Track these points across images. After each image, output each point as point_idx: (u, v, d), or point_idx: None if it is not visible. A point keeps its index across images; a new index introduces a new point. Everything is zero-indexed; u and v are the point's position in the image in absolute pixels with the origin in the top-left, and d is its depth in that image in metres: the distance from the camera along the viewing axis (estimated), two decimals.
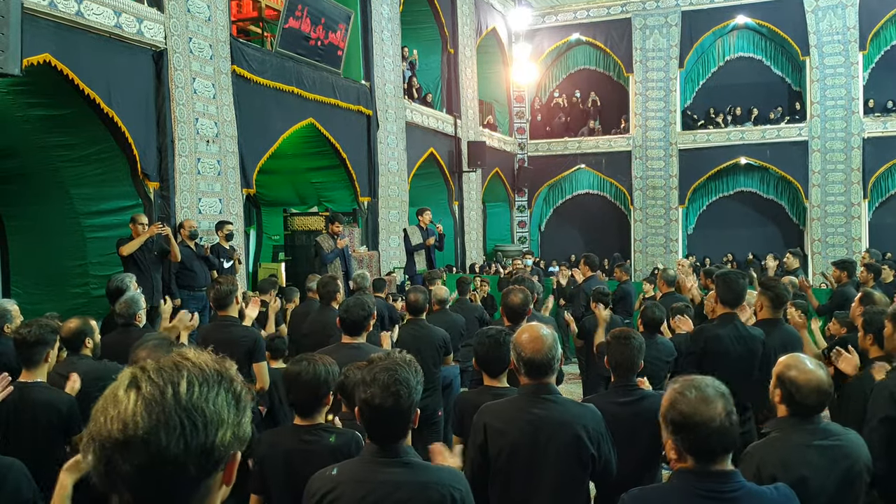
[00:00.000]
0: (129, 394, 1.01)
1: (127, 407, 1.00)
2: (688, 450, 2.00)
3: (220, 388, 1.06)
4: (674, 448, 2.02)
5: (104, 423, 1.00)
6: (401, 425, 2.20)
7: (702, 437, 1.96)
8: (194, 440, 1.01)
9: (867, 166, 17.09)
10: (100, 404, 1.03)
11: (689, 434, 1.98)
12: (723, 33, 18.77)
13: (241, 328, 4.59)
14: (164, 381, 1.02)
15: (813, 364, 2.57)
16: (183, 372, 1.04)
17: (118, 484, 1.01)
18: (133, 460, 0.98)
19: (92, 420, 1.02)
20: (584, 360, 6.86)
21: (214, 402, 1.04)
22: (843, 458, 2.49)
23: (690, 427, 1.97)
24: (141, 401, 1.00)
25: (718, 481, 1.99)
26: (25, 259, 8.52)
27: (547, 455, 2.76)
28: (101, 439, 1.00)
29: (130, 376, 1.04)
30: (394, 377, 2.17)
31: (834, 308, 6.60)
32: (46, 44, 6.58)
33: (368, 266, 10.36)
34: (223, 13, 8.89)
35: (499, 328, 3.39)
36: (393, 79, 13.01)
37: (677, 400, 2.01)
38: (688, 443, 1.99)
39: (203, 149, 8.46)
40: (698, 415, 1.96)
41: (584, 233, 19.93)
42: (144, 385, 1.02)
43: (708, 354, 4.09)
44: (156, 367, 1.05)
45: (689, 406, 1.98)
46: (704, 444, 1.97)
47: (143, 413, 0.99)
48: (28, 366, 3.53)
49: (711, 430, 1.95)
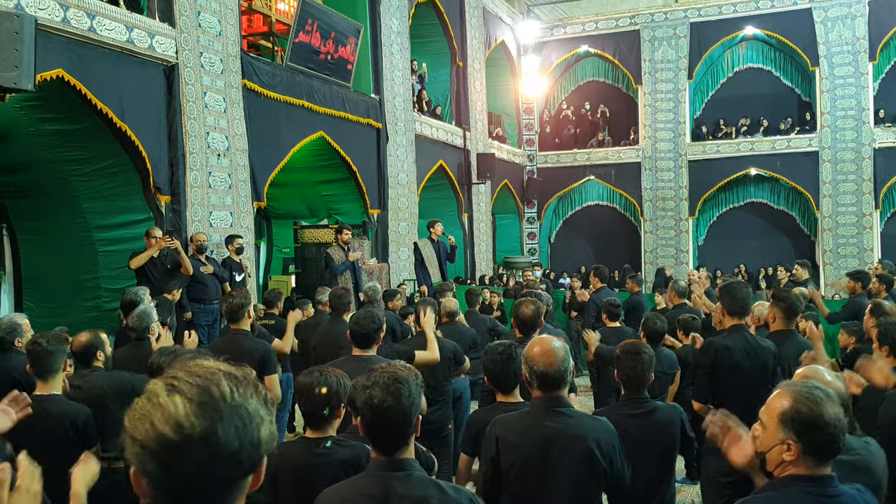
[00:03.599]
0: (174, 398, 1.04)
1: (177, 410, 1.03)
2: (812, 451, 1.98)
3: (250, 387, 1.11)
4: (793, 450, 2.00)
5: (151, 428, 1.02)
6: (403, 428, 2.17)
7: (830, 436, 1.96)
8: (245, 435, 1.06)
9: (878, 176, 17.00)
10: (138, 413, 1.04)
11: (818, 433, 1.97)
12: (732, 44, 18.76)
13: (251, 341, 4.59)
14: (206, 383, 1.06)
15: (831, 376, 2.55)
16: (218, 375, 1.09)
17: (172, 486, 1.03)
18: (192, 459, 1.02)
19: (132, 428, 1.04)
20: (596, 372, 6.82)
21: (251, 399, 1.09)
22: (862, 472, 2.46)
23: (820, 426, 1.96)
24: (189, 402, 1.04)
25: (824, 484, 2.00)
26: (38, 272, 8.57)
27: (559, 468, 2.74)
28: (151, 444, 1.02)
29: (166, 384, 1.07)
30: (394, 377, 2.18)
31: (846, 318, 6.55)
32: (59, 59, 6.65)
33: (378, 278, 10.37)
34: (234, 28, 8.96)
35: (508, 343, 3.37)
36: (402, 92, 13.06)
37: (804, 401, 2.00)
38: (814, 442, 1.98)
39: (214, 162, 8.51)
40: (829, 414, 1.97)
41: (593, 244, 19.88)
42: (187, 388, 1.05)
43: (719, 367, 4.04)
44: (190, 372, 1.08)
45: (820, 406, 1.98)
46: (832, 443, 1.98)
47: (195, 412, 1.03)
48: (43, 377, 3.52)
49: (839, 429, 1.97)
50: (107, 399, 3.89)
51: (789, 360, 3.95)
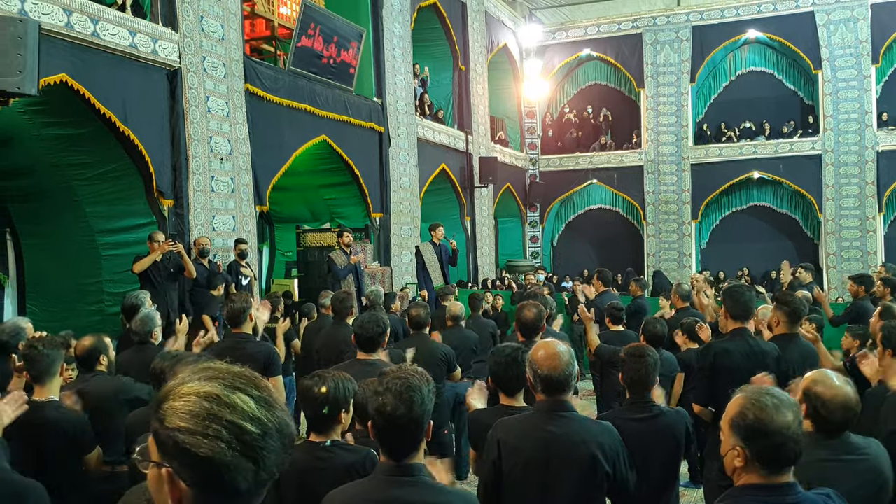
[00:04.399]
0: (238, 395, 1.08)
1: (249, 405, 1.07)
2: (759, 458, 1.97)
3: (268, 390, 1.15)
4: (741, 456, 1.99)
5: (231, 425, 1.05)
6: (414, 435, 2.17)
7: (776, 444, 1.94)
8: (290, 425, 1.13)
9: (882, 180, 16.96)
10: (203, 415, 1.05)
11: (764, 440, 1.95)
12: (734, 48, 18.75)
13: (254, 344, 4.58)
14: (248, 383, 1.10)
15: (840, 380, 2.55)
16: (245, 375, 1.12)
17: (258, 479, 1.07)
18: (275, 448, 1.08)
19: (204, 430, 1.04)
20: (599, 376, 6.81)
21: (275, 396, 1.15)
22: (869, 472, 2.46)
23: (767, 433, 1.95)
24: (252, 398, 1.08)
25: (782, 493, 1.98)
26: (41, 276, 8.58)
27: (561, 473, 2.73)
28: (237, 440, 1.05)
29: (219, 384, 1.08)
30: (406, 385, 2.16)
31: (848, 321, 6.54)
32: (63, 64, 6.67)
33: (381, 282, 10.37)
34: (236, 32, 8.98)
35: (514, 346, 3.36)
36: (405, 96, 13.08)
37: (751, 407, 1.99)
38: (761, 449, 1.96)
39: (217, 166, 8.52)
40: (775, 422, 1.95)
41: (596, 248, 19.86)
42: (244, 387, 1.09)
43: (719, 371, 4.03)
44: (227, 374, 1.11)
45: (766, 413, 1.96)
46: (779, 450, 1.95)
47: (262, 407, 1.08)
48: (39, 381, 3.49)
49: (787, 437, 1.94)
50: (109, 404, 3.88)
51: (794, 363, 3.94)
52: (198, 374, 1.10)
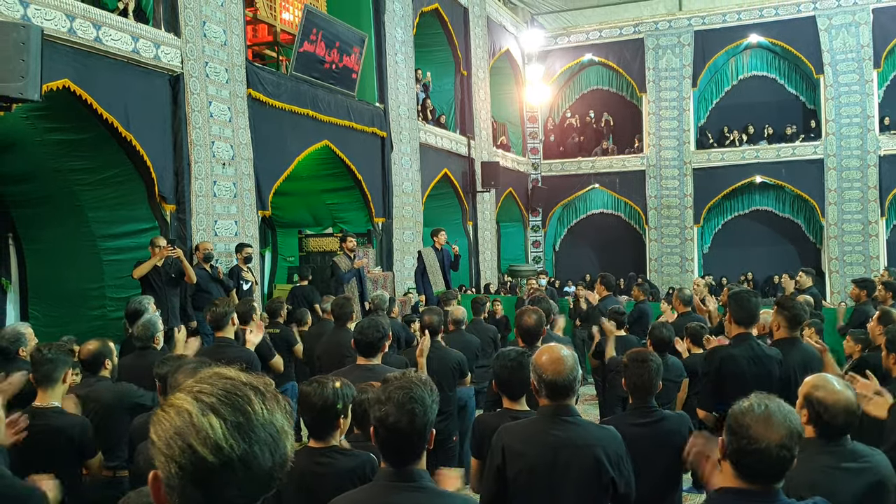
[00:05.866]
0: (209, 418, 1.01)
1: (214, 431, 1.00)
2: (742, 470, 1.98)
3: (274, 400, 1.08)
4: (723, 466, 2.01)
5: (189, 450, 0.99)
6: (416, 445, 2.15)
7: (758, 453, 1.96)
8: (276, 452, 1.04)
9: (884, 184, 16.95)
10: (169, 430, 1.01)
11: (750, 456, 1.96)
12: (736, 52, 18.76)
13: (236, 349, 4.50)
14: (241, 402, 1.03)
15: (841, 385, 2.53)
16: (248, 390, 1.05)
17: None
18: (234, 481, 1.00)
19: (166, 447, 1.01)
20: (601, 381, 6.80)
21: (276, 414, 1.07)
22: (871, 479, 2.45)
23: (751, 451, 1.96)
24: (225, 423, 1.01)
25: (763, 499, 1.97)
26: (43, 282, 8.59)
27: (566, 478, 2.72)
28: (189, 466, 0.99)
29: (197, 402, 1.03)
30: (409, 395, 2.12)
31: (854, 327, 6.52)
32: (65, 69, 6.68)
33: (383, 287, 10.36)
34: (239, 38, 8.99)
35: (519, 350, 3.36)
36: (407, 101, 13.09)
37: (744, 412, 2.01)
38: (741, 458, 1.98)
39: (219, 171, 8.53)
40: (765, 437, 1.95)
41: (598, 252, 19.85)
42: (222, 408, 1.02)
43: (724, 376, 4.02)
44: (221, 389, 1.05)
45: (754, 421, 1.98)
46: (762, 464, 1.96)
47: (233, 434, 1.00)
48: (43, 385, 3.49)
49: (769, 449, 1.95)
50: (111, 410, 3.89)
51: (794, 367, 3.93)
52: (196, 385, 1.06)
